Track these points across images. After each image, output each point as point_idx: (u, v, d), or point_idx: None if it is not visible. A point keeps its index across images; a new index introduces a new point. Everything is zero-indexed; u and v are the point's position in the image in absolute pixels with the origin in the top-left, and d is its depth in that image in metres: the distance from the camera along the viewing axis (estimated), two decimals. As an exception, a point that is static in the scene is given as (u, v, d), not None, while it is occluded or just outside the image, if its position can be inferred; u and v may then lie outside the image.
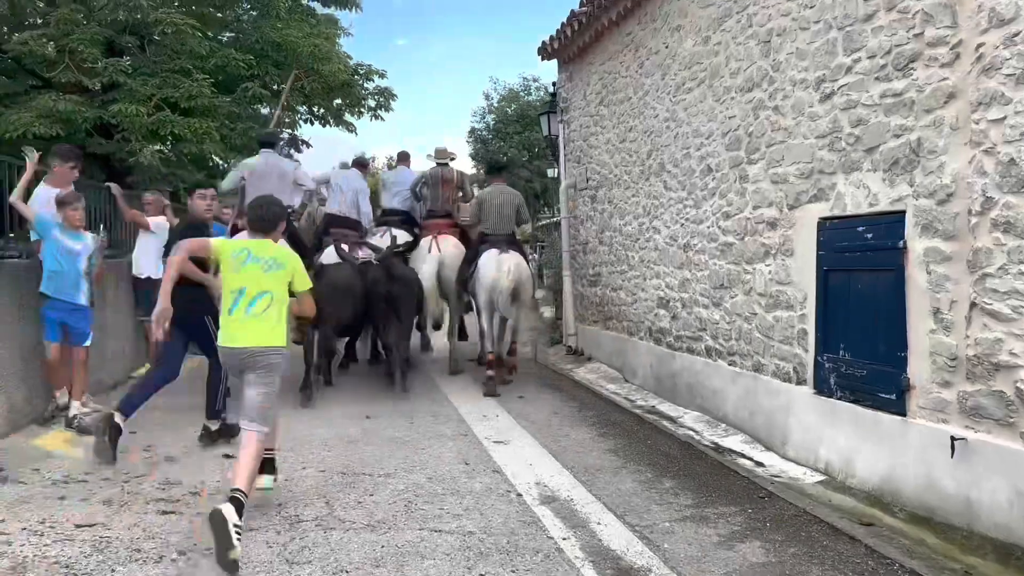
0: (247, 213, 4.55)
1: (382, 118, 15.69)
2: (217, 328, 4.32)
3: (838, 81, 4.99)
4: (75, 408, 6.08)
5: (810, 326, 5.29)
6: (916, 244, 4.34)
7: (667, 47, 7.43)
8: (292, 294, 4.32)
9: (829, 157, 5.09)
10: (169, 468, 4.98)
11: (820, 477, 5.07)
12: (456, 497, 4.53)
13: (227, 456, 5.21)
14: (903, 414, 4.44)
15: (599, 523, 4.16)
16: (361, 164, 9.54)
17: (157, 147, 13.02)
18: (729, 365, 6.35)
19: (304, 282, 4.37)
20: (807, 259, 5.33)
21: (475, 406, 7.16)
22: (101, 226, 8.16)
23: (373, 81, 15.34)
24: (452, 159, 9.64)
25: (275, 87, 14.32)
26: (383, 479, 4.85)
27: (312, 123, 15.59)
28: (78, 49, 11.63)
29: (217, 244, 4.33)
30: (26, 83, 13.37)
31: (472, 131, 38.37)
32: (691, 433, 6.22)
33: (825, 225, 5.17)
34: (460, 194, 9.31)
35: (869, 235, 4.76)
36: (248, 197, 7.13)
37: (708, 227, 6.66)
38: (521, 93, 38.19)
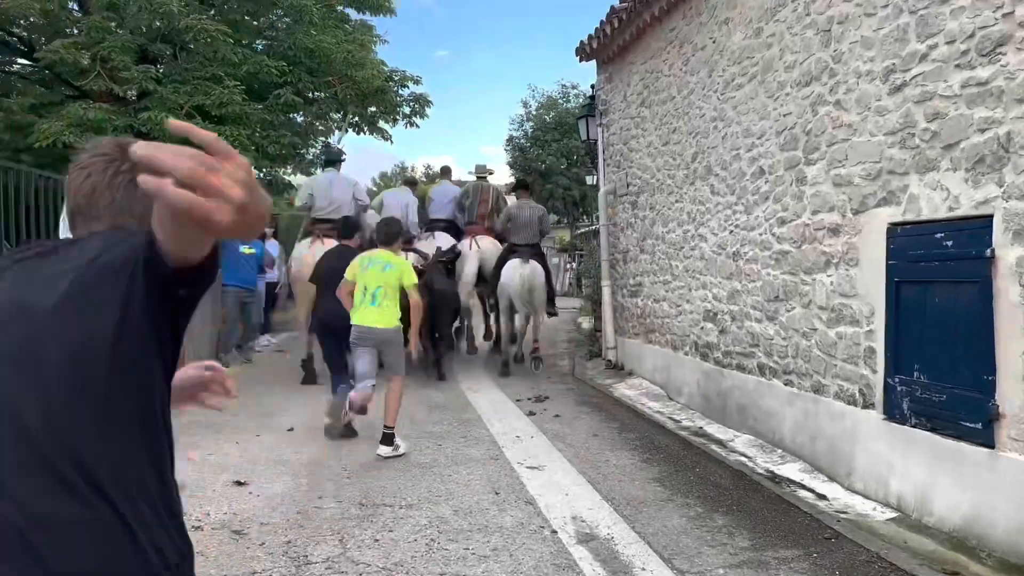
0: (376, 230, 6.46)
1: (417, 125, 15.38)
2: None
3: (911, 71, 4.46)
4: None
5: (879, 344, 4.75)
6: (1007, 252, 3.79)
7: (714, 42, 6.93)
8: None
9: (900, 155, 4.55)
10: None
11: (892, 514, 4.52)
12: (483, 534, 4.09)
13: (237, 483, 4.84)
14: (991, 445, 3.89)
15: (644, 568, 3.68)
16: (411, 183, 11.40)
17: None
18: (785, 385, 5.81)
19: (411, 278, 5.85)
20: (875, 269, 4.79)
21: (509, 425, 6.71)
22: None
23: (408, 88, 15.03)
24: (490, 174, 11.07)
25: (310, 94, 14.10)
26: (404, 511, 4.42)
27: (346, 131, 15.32)
28: (110, 57, 11.51)
29: (353, 263, 5.84)
30: (62, 93, 13.34)
31: (510, 139, 38.04)
32: (743, 459, 5.70)
33: (896, 231, 4.63)
34: (496, 205, 10.44)
35: (949, 242, 4.21)
36: (315, 211, 8.97)
37: (761, 234, 6.14)
38: (560, 100, 37.77)
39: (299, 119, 14.16)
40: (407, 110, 15.10)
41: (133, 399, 1.17)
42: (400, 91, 14.90)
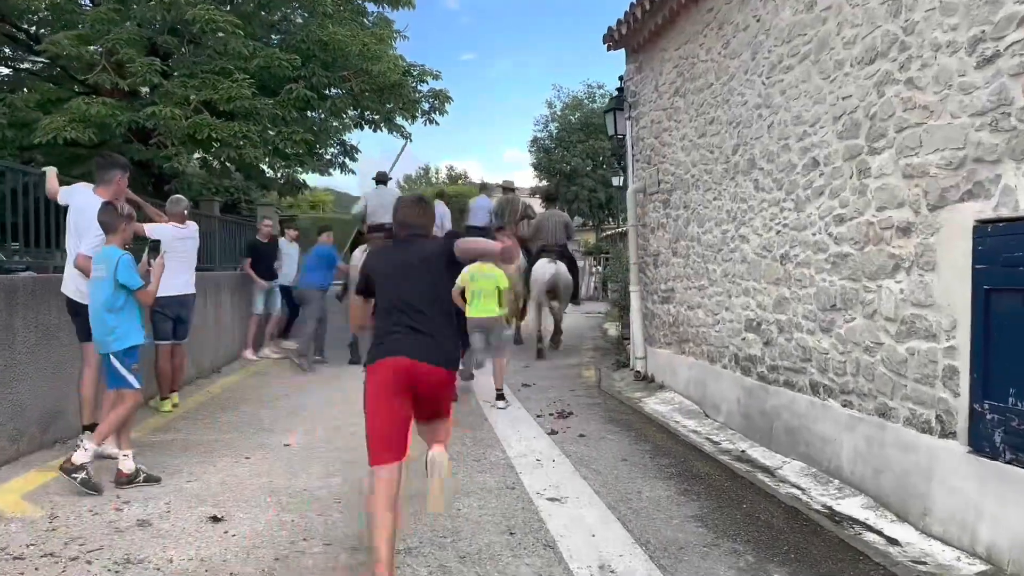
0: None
1: (436, 122, 14.79)
2: None
3: (1005, 38, 3.73)
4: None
5: (962, 363, 4.02)
6: None
7: (758, 20, 6.22)
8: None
9: (990, 140, 3.83)
10: (135, 537, 3.98)
11: (982, 566, 3.78)
12: (494, 590, 3.42)
13: (214, 519, 4.21)
14: (1115, 491, 3.16)
15: (688, 642, 2.99)
16: (441, 195, 14.01)
17: (197, 155, 12.35)
18: (843, 407, 5.08)
19: (504, 283, 7.72)
20: (956, 274, 4.06)
21: (528, 447, 6.04)
22: None
23: (427, 83, 14.45)
24: (515, 189, 13.01)
25: (325, 91, 13.55)
26: (402, 558, 3.76)
27: (362, 127, 14.75)
28: (116, 50, 11.03)
29: (464, 275, 7.42)
30: (72, 91, 12.90)
31: (534, 140, 37.37)
32: (796, 492, 4.97)
33: (985, 230, 3.89)
34: (524, 213, 12.26)
35: (1057, 243, 3.49)
36: (369, 219, 10.34)
37: (814, 234, 5.42)
38: (585, 100, 37.04)
39: (313, 116, 13.60)
40: (426, 106, 14.50)
41: (446, 291, 3.74)
42: (419, 87, 14.32)
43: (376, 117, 14.17)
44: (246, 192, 16.04)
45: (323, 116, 12.84)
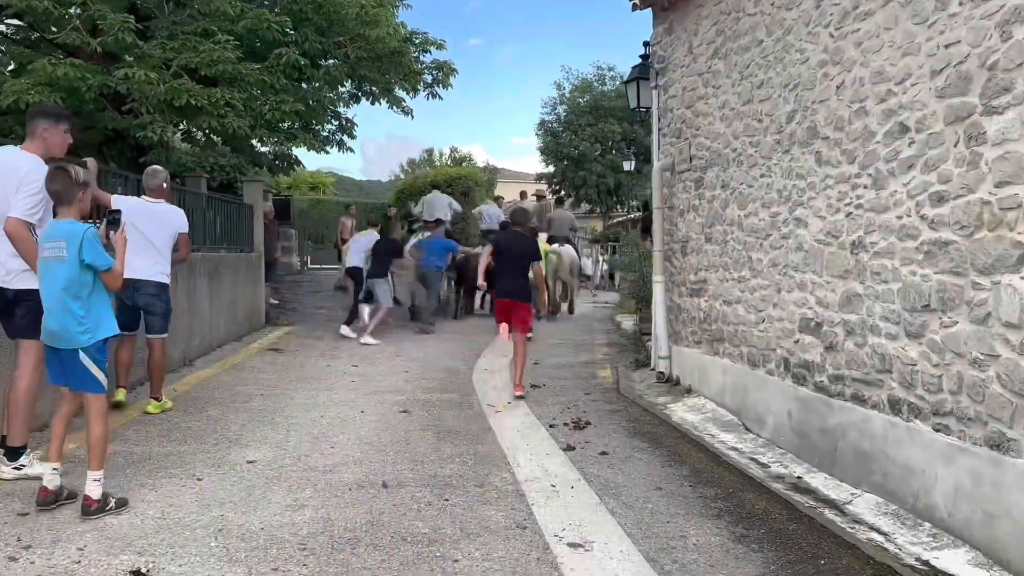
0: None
1: (440, 96, 13.71)
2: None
3: None
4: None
5: None
6: None
7: (826, -40, 5.17)
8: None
9: None
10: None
11: None
12: None
13: (134, 574, 3.22)
14: None
15: None
16: (437, 187, 15.55)
17: (182, 126, 11.32)
18: (936, 431, 4.07)
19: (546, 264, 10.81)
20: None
21: (540, 466, 5.04)
22: None
23: (429, 53, 13.37)
24: (545, 196, 17.67)
25: (320, 60, 12.49)
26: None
27: (359, 100, 13.68)
28: (88, 5, 9.99)
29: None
30: (50, 53, 11.83)
31: (542, 123, 36.24)
32: (877, 538, 3.98)
33: None
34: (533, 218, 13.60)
35: None
36: (424, 216, 13.34)
37: (900, 216, 4.39)
38: (595, 83, 35.88)
39: (307, 88, 12.53)
40: (429, 79, 13.43)
41: (529, 266, 7.44)
42: (421, 56, 13.25)
43: (375, 89, 13.09)
44: (241, 170, 15.08)
45: (317, 85, 11.75)
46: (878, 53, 4.61)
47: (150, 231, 6.05)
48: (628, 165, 29.74)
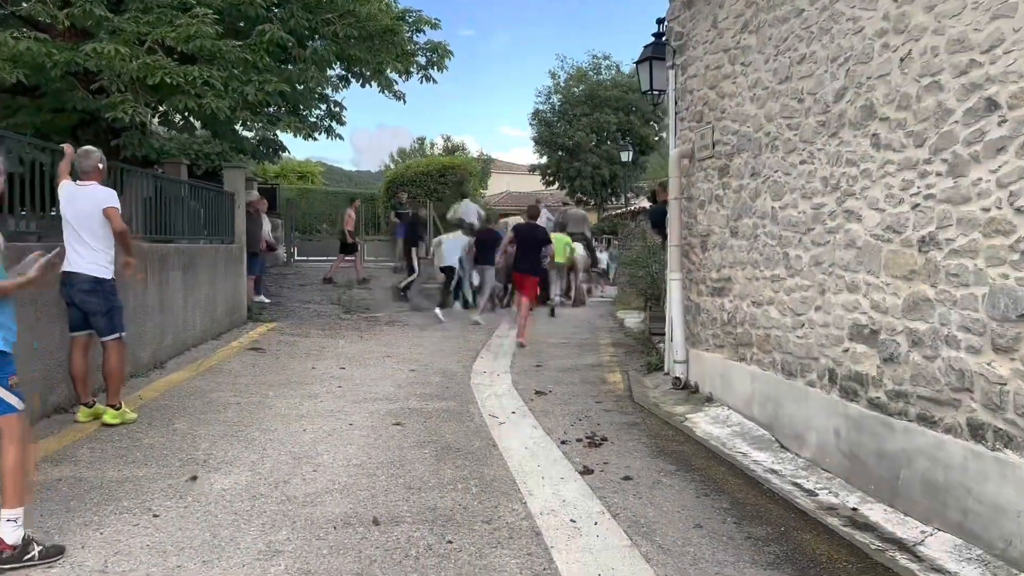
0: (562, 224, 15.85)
1: (434, 79, 12.92)
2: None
3: None
4: None
5: None
6: None
7: (888, -88, 4.48)
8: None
9: None
10: None
11: None
12: None
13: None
14: None
15: None
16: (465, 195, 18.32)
17: (156, 108, 10.52)
18: (1036, 465, 3.42)
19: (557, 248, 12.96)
20: None
21: (556, 495, 4.37)
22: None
23: (424, 33, 12.61)
24: (569, 203, 19.56)
25: (307, 41, 11.71)
26: None
27: (348, 82, 12.92)
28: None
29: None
30: (16, 28, 11.01)
31: (536, 113, 35.39)
32: (968, 593, 3.33)
33: None
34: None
35: None
36: (454, 218, 14.95)
37: (988, 208, 3.73)
38: (590, 72, 35.07)
39: (292, 68, 11.73)
40: (422, 60, 12.67)
41: (543, 250, 10.34)
42: (414, 36, 12.48)
43: (366, 71, 12.31)
44: (226, 157, 14.37)
45: (302, 67, 10.96)
46: (957, 18, 3.93)
47: (77, 218, 5.30)
48: (626, 155, 29.03)
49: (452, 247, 12.92)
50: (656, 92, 8.67)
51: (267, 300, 12.77)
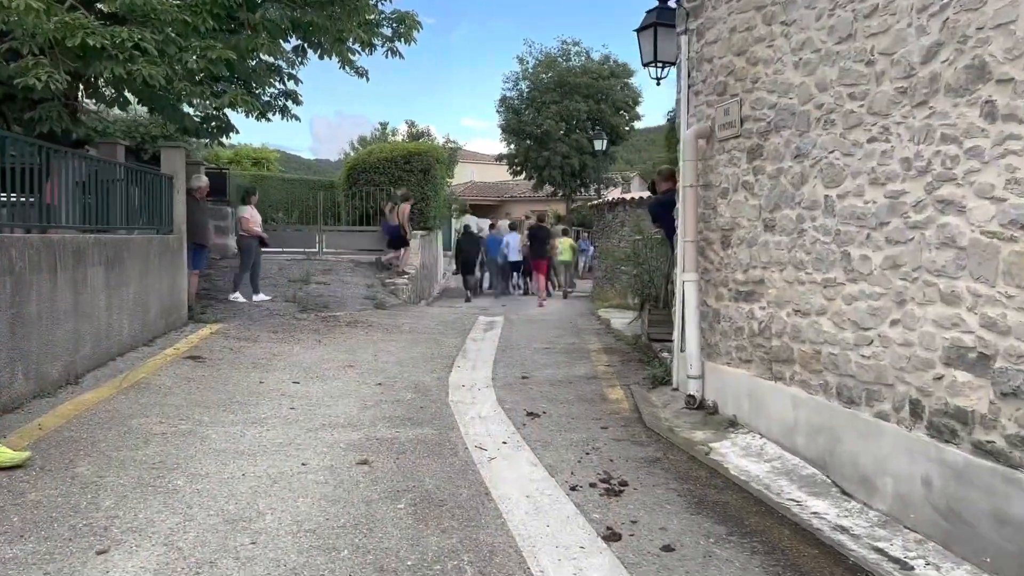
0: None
1: (400, 54, 11.66)
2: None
3: None
4: None
5: None
6: None
7: None
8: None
9: None
10: None
11: None
12: None
13: None
14: None
15: None
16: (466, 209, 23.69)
17: (80, 76, 9.12)
18: None
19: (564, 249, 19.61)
20: None
21: (567, 556, 3.26)
22: None
23: (390, 2, 11.37)
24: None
25: (264, 4, 10.37)
26: None
27: (305, 54, 11.63)
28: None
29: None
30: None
31: (503, 99, 34.22)
32: None
33: None
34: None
35: None
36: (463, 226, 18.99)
37: None
38: (559, 58, 33.96)
39: (241, 36, 10.38)
40: (388, 31, 11.40)
41: (547, 246, 16.87)
42: (378, 4, 11.22)
43: (324, 42, 10.99)
44: (168, 136, 13.03)
45: (249, 34, 9.61)
46: None
47: None
48: (600, 144, 27.98)
49: (514, 244, 17.70)
50: (661, 64, 7.59)
51: (268, 298, 11.60)
